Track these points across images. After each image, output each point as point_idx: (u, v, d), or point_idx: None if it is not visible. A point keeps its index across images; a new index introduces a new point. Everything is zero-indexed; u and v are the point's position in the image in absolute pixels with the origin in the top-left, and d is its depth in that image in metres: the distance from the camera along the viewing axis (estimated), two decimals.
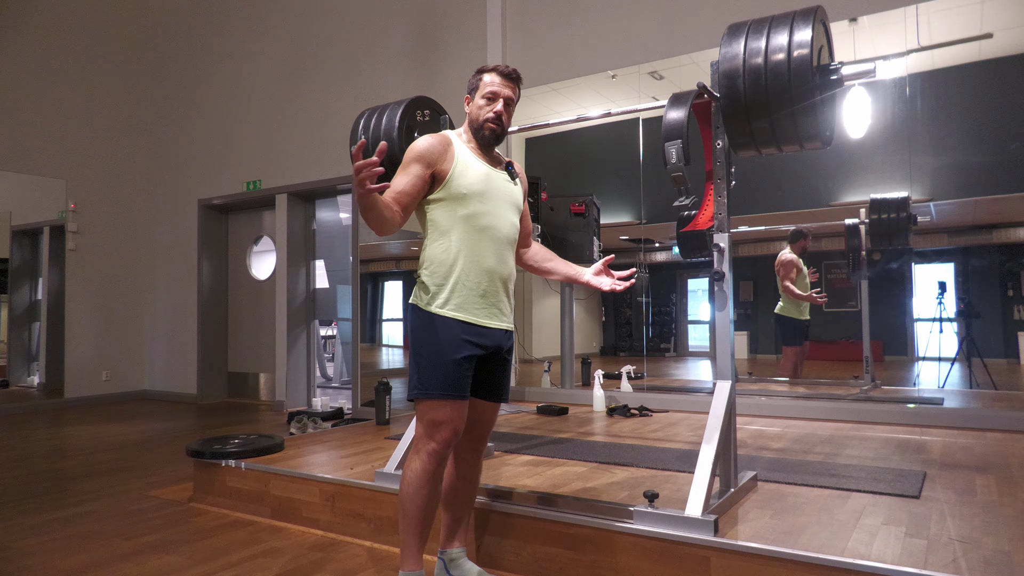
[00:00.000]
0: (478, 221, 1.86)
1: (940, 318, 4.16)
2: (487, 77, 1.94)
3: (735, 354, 2.22)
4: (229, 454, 2.94)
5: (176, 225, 7.06)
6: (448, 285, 1.83)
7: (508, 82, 1.94)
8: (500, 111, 1.91)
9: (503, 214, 1.91)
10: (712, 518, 1.86)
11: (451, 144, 1.90)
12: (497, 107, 1.91)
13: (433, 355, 1.81)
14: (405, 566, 1.84)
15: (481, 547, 2.22)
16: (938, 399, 3.85)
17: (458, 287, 1.83)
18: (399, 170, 1.86)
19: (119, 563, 2.30)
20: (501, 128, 1.93)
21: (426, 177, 1.84)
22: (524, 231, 2.09)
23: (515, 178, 2.00)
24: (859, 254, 4.22)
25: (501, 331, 1.91)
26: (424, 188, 1.85)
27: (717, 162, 2.20)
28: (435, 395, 1.79)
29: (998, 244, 4.06)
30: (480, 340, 1.84)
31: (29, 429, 5.25)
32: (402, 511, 1.84)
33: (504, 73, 1.94)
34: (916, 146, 3.89)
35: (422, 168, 1.83)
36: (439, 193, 1.86)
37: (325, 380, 7.49)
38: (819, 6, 2.02)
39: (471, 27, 5.13)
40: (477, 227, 1.85)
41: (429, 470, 1.81)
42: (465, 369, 1.82)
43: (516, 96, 1.97)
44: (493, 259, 1.87)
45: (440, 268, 1.85)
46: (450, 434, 1.81)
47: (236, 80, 6.72)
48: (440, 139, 1.89)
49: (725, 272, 2.15)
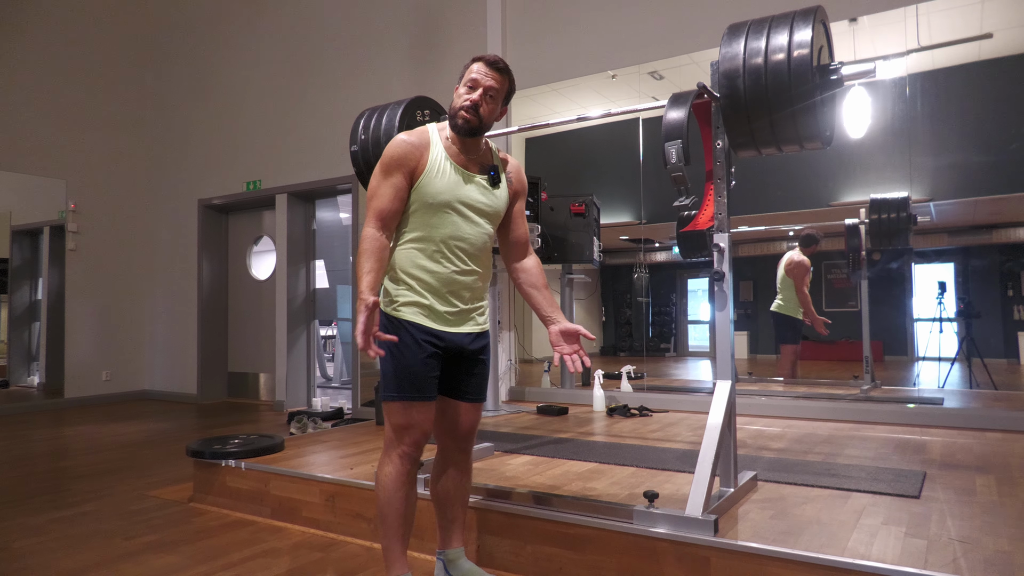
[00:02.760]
0: (440, 231, 1.80)
1: (940, 318, 4.16)
2: (474, 65, 1.85)
3: (735, 354, 2.22)
4: (229, 454, 2.94)
5: (176, 225, 7.06)
6: (409, 290, 1.80)
7: (492, 71, 1.84)
8: (476, 100, 1.80)
9: (470, 224, 1.83)
10: (712, 518, 1.86)
11: (428, 145, 1.81)
12: (474, 95, 1.81)
13: (396, 358, 1.78)
14: (392, 571, 1.82)
15: (481, 547, 2.22)
16: (938, 399, 3.85)
17: (418, 292, 1.80)
18: (378, 174, 1.79)
19: (119, 563, 2.30)
20: (476, 118, 1.81)
21: (406, 186, 1.78)
22: (514, 237, 1.99)
23: (498, 184, 1.89)
24: (859, 254, 4.22)
25: (464, 335, 1.86)
26: (406, 196, 1.80)
27: (717, 162, 2.20)
28: (399, 398, 1.78)
29: (998, 244, 4.06)
30: (440, 343, 1.81)
31: (29, 429, 5.25)
32: (381, 517, 1.82)
33: (489, 62, 1.84)
34: (916, 146, 3.89)
35: (401, 177, 1.77)
36: (411, 196, 1.81)
37: (325, 380, 7.49)
38: (819, 6, 2.02)
39: (471, 27, 5.13)
40: (440, 236, 1.80)
41: (403, 472, 1.80)
42: (429, 370, 1.79)
43: (502, 88, 1.86)
44: (453, 267, 1.81)
45: (401, 273, 1.81)
46: (420, 436, 1.80)
47: (236, 80, 6.72)
48: (418, 138, 1.82)
49: (725, 272, 2.15)
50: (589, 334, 1.85)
